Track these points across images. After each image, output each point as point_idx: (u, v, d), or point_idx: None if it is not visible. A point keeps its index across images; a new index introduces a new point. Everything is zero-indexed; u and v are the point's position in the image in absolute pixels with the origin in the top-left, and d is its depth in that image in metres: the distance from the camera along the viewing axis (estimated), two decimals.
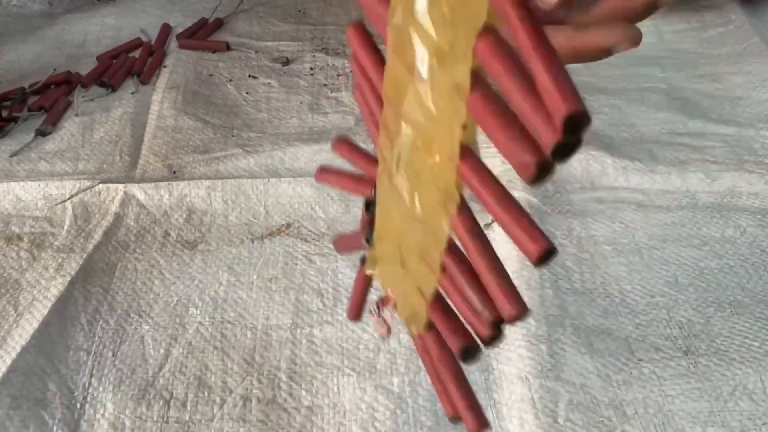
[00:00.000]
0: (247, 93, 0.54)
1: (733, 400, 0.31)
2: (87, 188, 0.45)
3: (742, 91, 0.50)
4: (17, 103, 0.54)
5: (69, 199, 0.44)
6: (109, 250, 0.41)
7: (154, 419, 0.32)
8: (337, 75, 0.56)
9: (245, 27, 0.63)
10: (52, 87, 0.56)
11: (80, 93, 0.55)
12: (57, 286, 0.39)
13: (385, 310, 0.25)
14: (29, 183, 0.45)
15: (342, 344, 0.35)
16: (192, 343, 0.36)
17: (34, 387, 0.34)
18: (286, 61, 0.57)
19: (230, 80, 0.56)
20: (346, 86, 0.54)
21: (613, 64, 0.54)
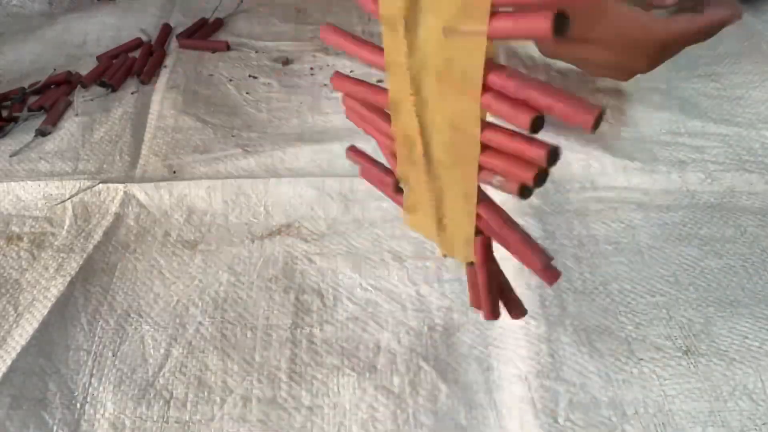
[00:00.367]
0: (247, 93, 0.54)
1: (733, 400, 0.31)
2: (87, 188, 0.45)
3: (742, 91, 0.50)
4: (17, 103, 0.54)
5: (69, 199, 0.44)
6: (109, 250, 0.41)
7: (154, 419, 0.32)
8: None
9: (245, 27, 0.63)
10: (52, 87, 0.56)
11: (80, 93, 0.55)
12: (57, 286, 0.39)
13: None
14: (29, 183, 0.45)
15: (342, 344, 0.35)
16: (192, 343, 0.36)
17: (34, 387, 0.34)
18: (287, 61, 0.57)
19: (230, 80, 0.56)
20: None
21: None
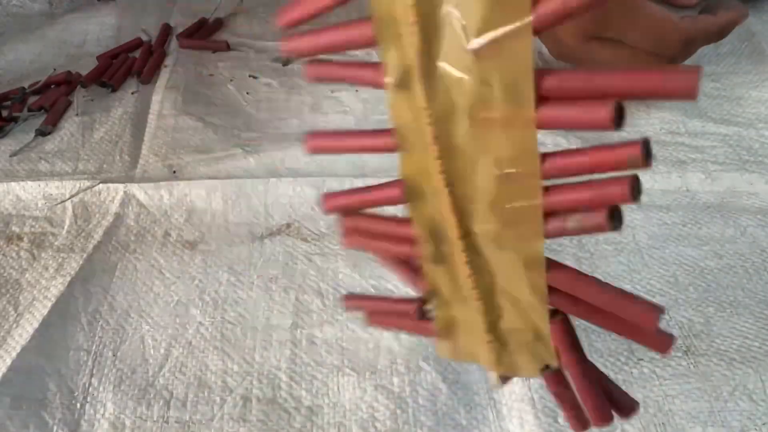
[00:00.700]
0: (247, 93, 0.54)
1: (733, 400, 0.31)
2: (87, 188, 0.45)
3: (742, 91, 0.50)
4: (17, 103, 0.54)
5: (69, 199, 0.44)
6: (109, 250, 0.41)
7: (154, 419, 0.32)
8: None
9: (245, 27, 0.63)
10: (52, 87, 0.56)
11: (80, 93, 0.55)
12: (57, 286, 0.39)
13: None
14: (29, 183, 0.45)
15: (342, 344, 0.35)
16: (192, 343, 0.36)
17: (34, 387, 0.34)
18: (287, 61, 0.57)
19: (230, 80, 0.56)
20: (347, 86, 0.54)
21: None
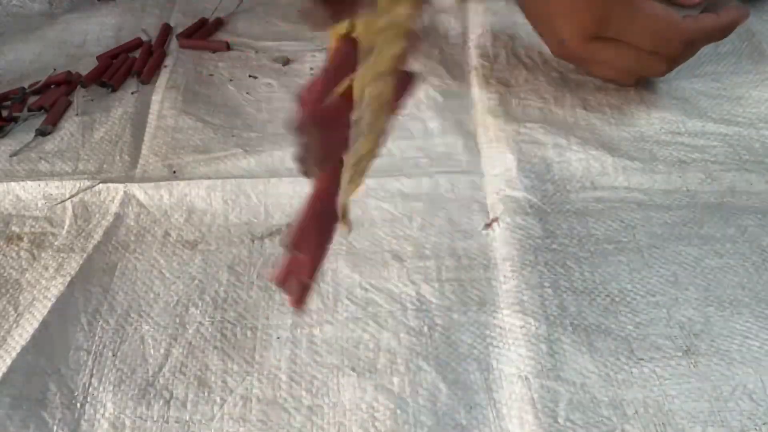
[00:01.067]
0: (247, 93, 0.54)
1: (733, 400, 0.31)
2: (87, 188, 0.45)
3: (742, 91, 0.50)
4: (17, 103, 0.54)
5: (69, 198, 0.44)
6: (109, 250, 0.41)
7: (155, 419, 0.32)
8: None
9: (245, 27, 0.63)
10: (52, 87, 0.56)
11: (80, 93, 0.55)
12: (57, 286, 0.39)
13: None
14: (29, 183, 0.45)
15: (342, 344, 0.35)
16: (192, 342, 0.36)
17: (34, 387, 0.34)
18: (286, 61, 0.57)
19: (230, 80, 0.56)
20: None
21: None
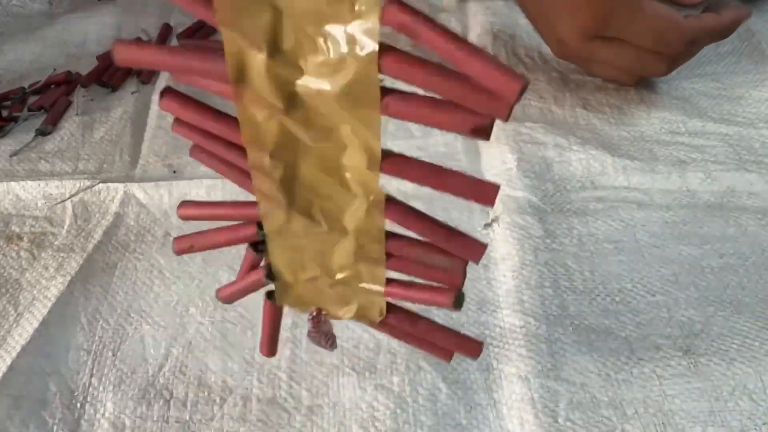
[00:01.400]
0: None
1: (733, 400, 0.31)
2: (87, 188, 0.45)
3: (742, 91, 0.50)
4: (17, 103, 0.54)
5: (69, 198, 0.44)
6: (109, 250, 0.41)
7: (155, 419, 0.32)
8: None
9: None
10: (52, 87, 0.56)
11: (80, 93, 0.55)
12: (57, 286, 0.39)
13: (323, 323, 0.27)
14: (29, 183, 0.45)
15: (342, 344, 0.35)
16: (192, 342, 0.36)
17: (34, 387, 0.34)
18: None
19: None
20: None
21: None
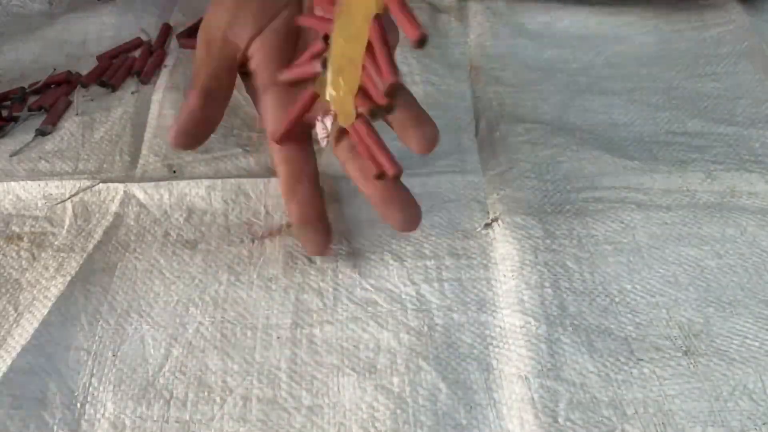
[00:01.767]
0: (247, 92, 0.54)
1: (733, 400, 0.31)
2: (87, 188, 0.45)
3: (742, 91, 0.50)
4: (17, 103, 0.54)
5: (69, 198, 0.44)
6: (109, 250, 0.41)
7: (155, 419, 0.32)
8: None
9: None
10: (52, 87, 0.56)
11: (80, 93, 0.55)
12: (57, 286, 0.39)
13: (327, 118, 0.35)
14: (29, 183, 0.45)
15: (342, 344, 0.35)
16: (192, 342, 0.36)
17: (34, 387, 0.34)
18: None
19: None
20: None
21: (613, 64, 0.54)
